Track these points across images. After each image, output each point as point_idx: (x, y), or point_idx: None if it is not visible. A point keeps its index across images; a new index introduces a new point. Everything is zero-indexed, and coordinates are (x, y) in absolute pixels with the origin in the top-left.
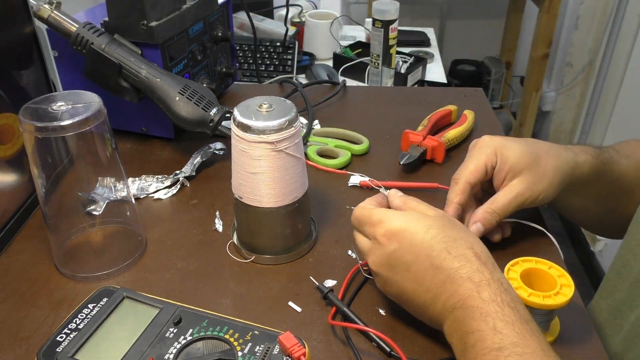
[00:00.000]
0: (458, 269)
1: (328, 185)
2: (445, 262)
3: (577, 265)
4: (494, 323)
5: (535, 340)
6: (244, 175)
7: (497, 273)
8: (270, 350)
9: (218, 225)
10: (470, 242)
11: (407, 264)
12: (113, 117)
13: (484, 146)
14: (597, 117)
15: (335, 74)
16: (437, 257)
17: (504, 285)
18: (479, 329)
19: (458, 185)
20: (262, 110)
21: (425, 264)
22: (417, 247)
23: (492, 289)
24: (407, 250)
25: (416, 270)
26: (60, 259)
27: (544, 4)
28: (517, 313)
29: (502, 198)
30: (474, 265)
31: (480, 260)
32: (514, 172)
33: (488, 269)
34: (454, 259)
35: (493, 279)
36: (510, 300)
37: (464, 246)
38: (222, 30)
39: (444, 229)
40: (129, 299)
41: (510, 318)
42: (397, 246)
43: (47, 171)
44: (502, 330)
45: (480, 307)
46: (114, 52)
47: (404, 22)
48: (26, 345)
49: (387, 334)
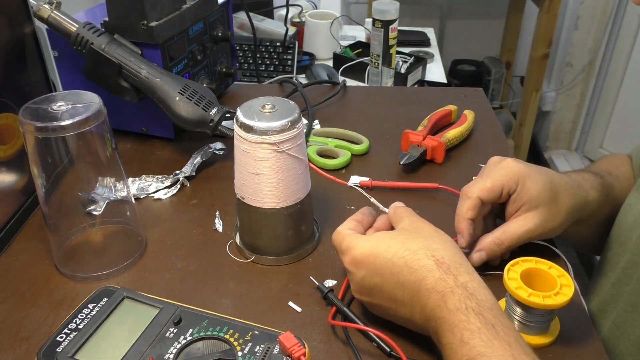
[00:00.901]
0: (421, 282)
1: (328, 185)
2: (407, 277)
3: (577, 265)
4: (461, 334)
5: (503, 346)
6: (247, 176)
7: (463, 276)
8: (270, 350)
9: (218, 225)
10: (433, 250)
11: (378, 286)
12: (113, 117)
13: (506, 168)
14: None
15: (335, 74)
16: (400, 273)
17: (469, 290)
18: (449, 341)
19: (470, 200)
20: (265, 111)
21: (392, 282)
22: (381, 268)
23: (456, 297)
24: (374, 274)
25: (387, 290)
26: (60, 259)
27: (544, 4)
28: (482, 319)
29: (514, 230)
30: (436, 275)
31: (442, 267)
32: (530, 205)
33: (452, 274)
34: (414, 272)
35: (457, 285)
36: (476, 306)
37: (425, 256)
38: (222, 30)
39: (404, 242)
40: (129, 299)
41: (475, 326)
42: (364, 272)
43: (47, 171)
44: (469, 342)
45: (447, 319)
46: (114, 52)
47: (404, 22)
48: (26, 345)
49: (387, 334)
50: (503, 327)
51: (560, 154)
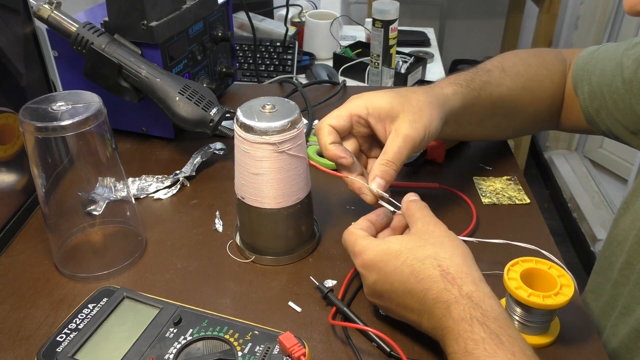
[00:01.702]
0: (427, 292)
1: (328, 184)
2: (415, 286)
3: (577, 265)
4: (465, 344)
5: (507, 356)
6: (247, 176)
7: (468, 286)
8: (270, 350)
9: (218, 225)
10: (440, 259)
11: (388, 292)
12: (113, 117)
13: (352, 99)
14: None
15: (335, 74)
16: (407, 282)
17: (473, 300)
18: (454, 350)
19: (321, 130)
20: (265, 111)
21: (400, 289)
22: (391, 276)
23: (460, 307)
24: (384, 280)
25: (397, 297)
26: (60, 259)
27: (544, 4)
28: (487, 329)
29: (392, 145)
30: (441, 285)
31: (447, 278)
32: (391, 117)
33: (456, 285)
34: (420, 282)
35: (462, 295)
36: (480, 316)
37: (431, 266)
38: (222, 30)
39: (412, 250)
40: (129, 299)
41: (480, 336)
42: (375, 277)
43: (47, 171)
44: (473, 352)
45: (452, 328)
46: (114, 52)
47: (404, 22)
48: (26, 345)
49: (387, 334)
50: (508, 337)
51: (560, 154)
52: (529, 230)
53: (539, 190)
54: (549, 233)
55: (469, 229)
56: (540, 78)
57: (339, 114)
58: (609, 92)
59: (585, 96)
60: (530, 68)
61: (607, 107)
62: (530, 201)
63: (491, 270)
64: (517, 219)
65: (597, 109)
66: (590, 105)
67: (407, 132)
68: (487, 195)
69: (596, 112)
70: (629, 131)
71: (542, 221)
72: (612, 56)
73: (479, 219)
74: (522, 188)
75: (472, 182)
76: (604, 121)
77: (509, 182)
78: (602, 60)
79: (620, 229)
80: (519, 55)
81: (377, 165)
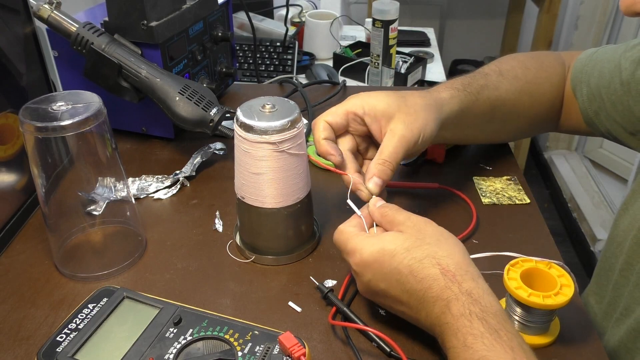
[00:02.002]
0: (427, 290)
1: (328, 184)
2: (413, 285)
3: (577, 265)
4: (464, 338)
5: (505, 350)
6: (247, 176)
7: (468, 283)
8: (270, 350)
9: (218, 225)
10: (438, 258)
11: (384, 291)
12: (113, 117)
13: (349, 98)
14: None
15: (335, 74)
16: (406, 282)
17: (473, 296)
18: (453, 345)
19: (317, 125)
20: (265, 111)
21: (398, 289)
22: (388, 275)
23: (460, 303)
24: (381, 279)
25: (394, 295)
26: (60, 259)
27: (544, 4)
28: (486, 324)
29: (387, 144)
30: (441, 283)
31: (448, 275)
32: (387, 117)
33: (457, 282)
34: (420, 282)
35: (462, 292)
36: (479, 312)
37: (430, 265)
38: (222, 30)
39: (409, 250)
40: (129, 299)
41: (479, 331)
42: (370, 276)
43: (47, 171)
44: (472, 346)
45: (452, 324)
46: (114, 52)
47: (404, 22)
48: (26, 345)
49: (387, 334)
50: (506, 332)
51: (560, 154)
52: (529, 230)
53: (539, 190)
54: (549, 233)
55: (469, 229)
56: (539, 81)
57: (335, 111)
58: (607, 94)
59: (584, 98)
60: (529, 71)
61: (605, 109)
62: (530, 201)
63: (491, 270)
64: (517, 219)
65: (596, 111)
66: (589, 107)
67: (402, 133)
68: (487, 195)
69: (595, 114)
70: (628, 132)
71: (542, 221)
72: (610, 58)
73: (479, 219)
74: (522, 188)
75: (472, 182)
76: (603, 123)
77: (509, 182)
78: (601, 63)
79: (619, 230)
80: (517, 59)
81: (374, 164)
